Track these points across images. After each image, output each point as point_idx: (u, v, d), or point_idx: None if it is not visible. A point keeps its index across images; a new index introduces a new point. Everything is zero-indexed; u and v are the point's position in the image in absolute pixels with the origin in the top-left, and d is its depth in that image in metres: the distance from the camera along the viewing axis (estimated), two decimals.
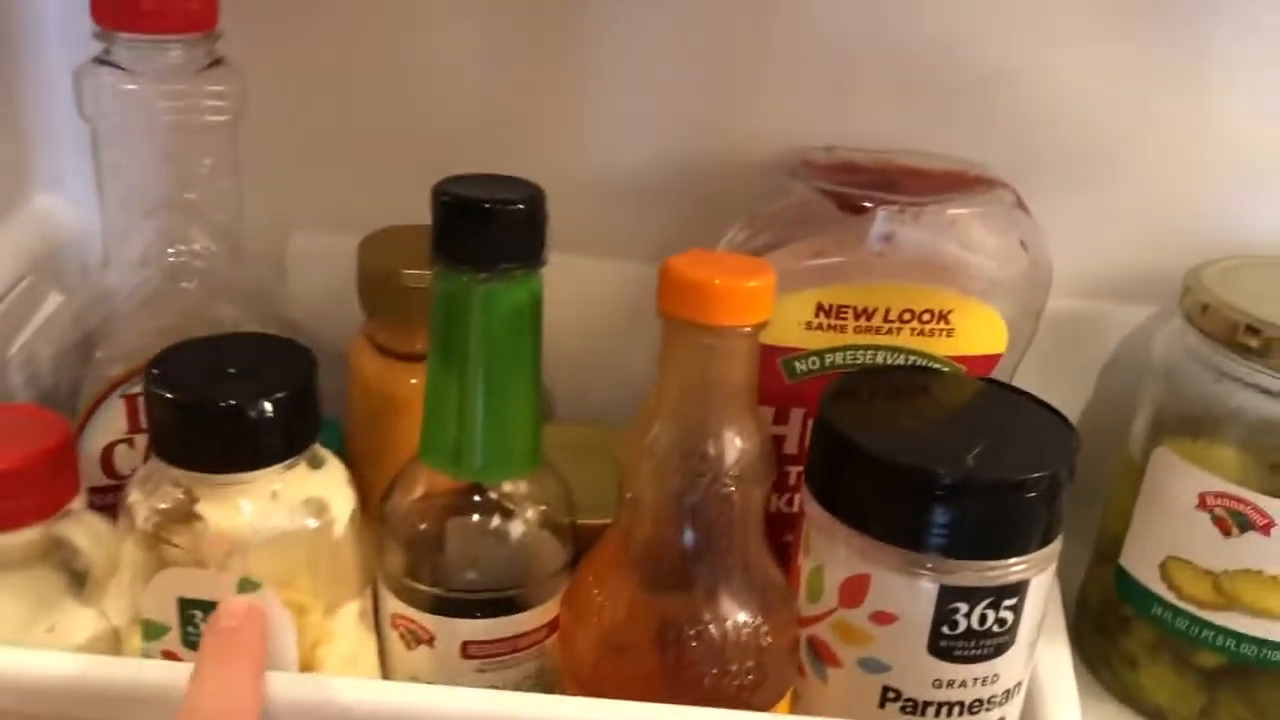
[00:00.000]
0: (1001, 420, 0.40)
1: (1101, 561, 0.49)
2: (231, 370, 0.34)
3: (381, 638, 0.40)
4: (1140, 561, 0.45)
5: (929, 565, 0.36)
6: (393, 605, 0.39)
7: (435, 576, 0.38)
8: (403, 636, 0.39)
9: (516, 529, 0.39)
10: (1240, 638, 0.43)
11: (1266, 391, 0.42)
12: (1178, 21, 0.47)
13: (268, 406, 0.33)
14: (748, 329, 0.35)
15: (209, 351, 0.35)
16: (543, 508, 0.39)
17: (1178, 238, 0.49)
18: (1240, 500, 0.42)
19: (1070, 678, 0.43)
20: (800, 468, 0.44)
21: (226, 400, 0.33)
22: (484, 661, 0.38)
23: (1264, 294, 0.43)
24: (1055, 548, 0.37)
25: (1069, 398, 0.53)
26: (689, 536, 0.36)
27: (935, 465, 0.36)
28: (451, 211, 0.35)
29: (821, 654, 0.39)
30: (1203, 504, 0.43)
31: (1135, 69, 0.48)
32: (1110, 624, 0.48)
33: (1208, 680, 0.45)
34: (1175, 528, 0.44)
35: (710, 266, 0.35)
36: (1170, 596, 0.44)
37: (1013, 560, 0.36)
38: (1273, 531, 0.42)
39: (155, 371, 0.34)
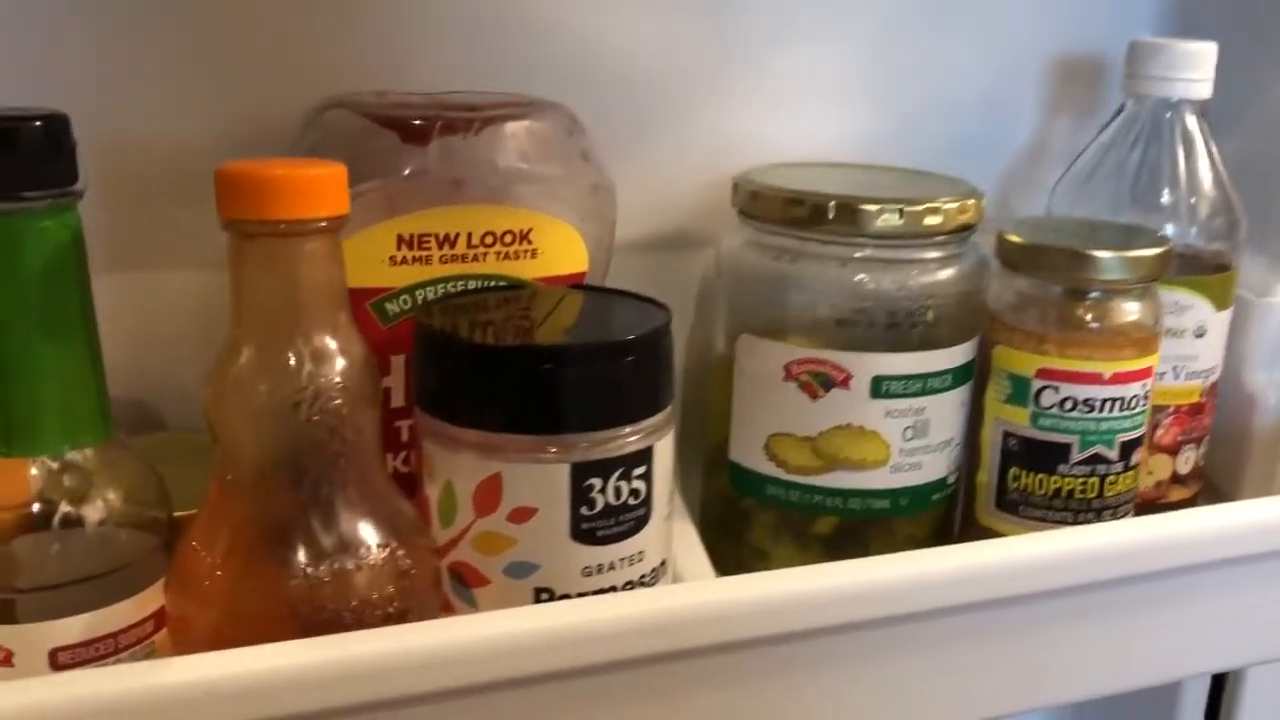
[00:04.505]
0: (597, 310, 0.40)
1: (715, 470, 0.50)
2: None
3: None
4: (747, 449, 0.47)
5: (556, 447, 0.35)
6: None
7: (3, 578, 0.32)
8: None
9: (93, 509, 0.34)
10: (846, 494, 0.46)
11: (818, 257, 0.45)
12: None
13: None
14: (323, 222, 0.33)
15: None
16: (120, 481, 0.34)
17: (727, 166, 0.52)
18: (818, 361, 0.45)
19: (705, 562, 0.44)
20: (410, 421, 0.42)
21: None
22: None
23: (802, 179, 0.47)
24: (669, 414, 0.38)
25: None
26: (299, 467, 0.33)
27: (540, 343, 0.36)
28: None
29: (466, 578, 0.37)
30: (788, 374, 0.46)
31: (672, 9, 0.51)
32: (734, 524, 0.49)
33: (827, 548, 0.48)
34: (769, 405, 0.46)
35: (270, 164, 0.33)
36: (780, 473, 0.47)
37: (632, 428, 0.36)
38: (851, 383, 0.45)
39: None
